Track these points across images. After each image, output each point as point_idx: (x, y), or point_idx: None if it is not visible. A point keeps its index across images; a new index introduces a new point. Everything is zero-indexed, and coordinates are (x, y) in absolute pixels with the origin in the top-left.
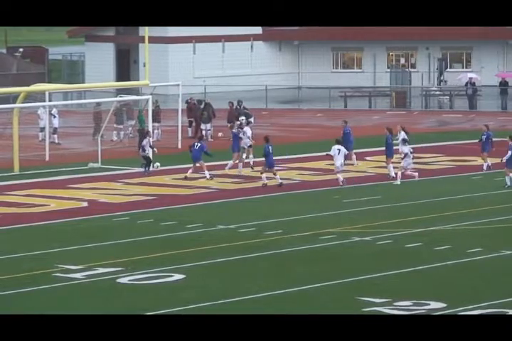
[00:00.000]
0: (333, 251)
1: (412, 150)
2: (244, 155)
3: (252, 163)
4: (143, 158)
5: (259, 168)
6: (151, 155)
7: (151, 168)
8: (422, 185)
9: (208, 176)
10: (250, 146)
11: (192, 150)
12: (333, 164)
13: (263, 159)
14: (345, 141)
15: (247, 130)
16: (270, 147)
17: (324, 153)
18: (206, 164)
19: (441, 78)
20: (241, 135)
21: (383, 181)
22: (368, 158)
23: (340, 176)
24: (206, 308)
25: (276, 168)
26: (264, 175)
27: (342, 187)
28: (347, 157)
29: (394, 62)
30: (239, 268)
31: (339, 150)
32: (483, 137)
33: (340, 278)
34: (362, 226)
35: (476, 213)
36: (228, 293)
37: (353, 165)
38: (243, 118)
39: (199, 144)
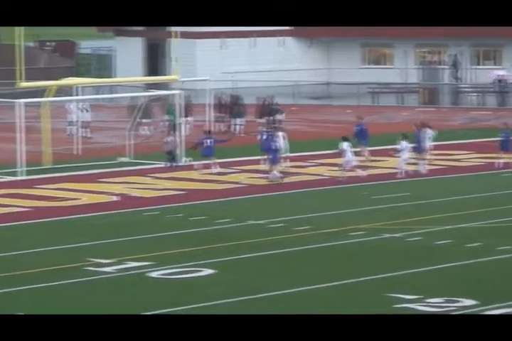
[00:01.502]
0: (363, 247)
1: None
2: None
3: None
4: (166, 153)
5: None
6: (178, 150)
7: (181, 163)
8: (451, 182)
9: (215, 171)
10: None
11: (204, 147)
12: (361, 160)
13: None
14: (361, 136)
15: (279, 139)
16: (277, 144)
17: (334, 151)
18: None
19: (457, 75)
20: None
21: (413, 178)
22: (396, 155)
23: (355, 172)
24: (234, 304)
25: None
26: (274, 171)
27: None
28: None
29: (424, 59)
30: (268, 264)
31: (349, 146)
32: (502, 135)
33: (370, 275)
34: (391, 222)
35: (504, 211)
36: (257, 289)
37: (366, 160)
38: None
39: (211, 140)
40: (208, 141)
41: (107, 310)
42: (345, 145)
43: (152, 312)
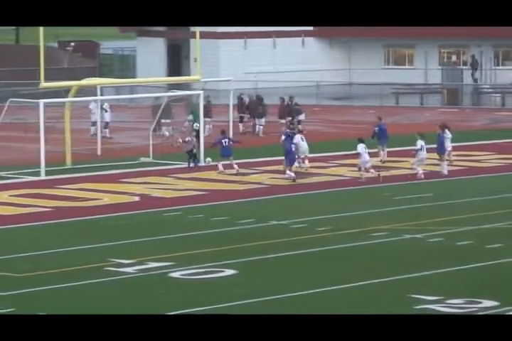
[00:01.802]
0: (384, 248)
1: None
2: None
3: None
4: (186, 152)
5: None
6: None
7: (202, 163)
8: (473, 183)
9: (221, 169)
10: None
11: (223, 147)
12: (381, 160)
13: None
14: (380, 137)
15: (299, 141)
16: (293, 145)
17: (352, 152)
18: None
19: (474, 76)
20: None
21: (435, 179)
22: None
23: (370, 173)
24: (256, 304)
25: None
26: (288, 171)
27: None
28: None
29: (445, 60)
30: (290, 265)
31: (364, 148)
32: None
33: (391, 276)
34: (413, 223)
35: None
36: (278, 290)
37: (382, 161)
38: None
39: (226, 140)
40: (224, 141)
41: (128, 310)
42: (361, 146)
43: (173, 313)
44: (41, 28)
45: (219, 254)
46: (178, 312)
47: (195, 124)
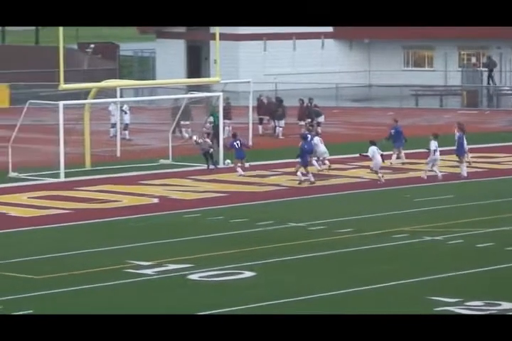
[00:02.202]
0: (404, 250)
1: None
2: (317, 164)
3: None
4: (202, 154)
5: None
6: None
7: (221, 165)
8: (493, 185)
9: (240, 172)
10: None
11: (237, 149)
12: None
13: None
14: (396, 139)
15: (318, 142)
16: (306, 146)
17: (360, 154)
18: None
19: (491, 77)
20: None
21: (455, 180)
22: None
23: (381, 174)
24: (276, 306)
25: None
26: (299, 173)
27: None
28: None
29: (465, 61)
30: (309, 266)
31: (377, 150)
32: None
33: (411, 278)
34: (433, 225)
35: None
36: (298, 291)
37: (391, 163)
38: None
39: (238, 142)
40: (236, 143)
41: (147, 311)
42: (372, 149)
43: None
44: (61, 30)
45: (238, 256)
46: (196, 314)
47: (214, 124)
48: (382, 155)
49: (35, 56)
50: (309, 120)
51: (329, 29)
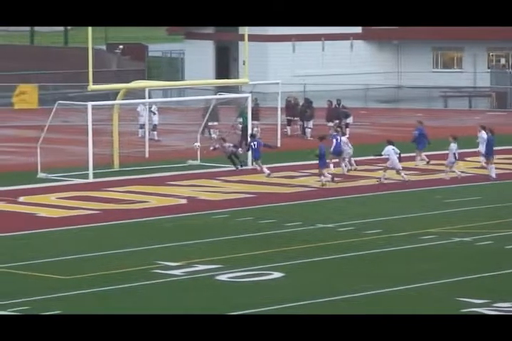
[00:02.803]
0: (433, 251)
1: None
2: (344, 165)
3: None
4: (228, 158)
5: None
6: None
7: (249, 166)
8: None
9: (267, 172)
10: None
11: (253, 149)
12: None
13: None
14: (419, 141)
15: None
16: (335, 147)
17: (374, 155)
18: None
19: None
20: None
21: (484, 182)
22: (467, 159)
23: (386, 174)
24: (304, 307)
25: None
26: (326, 173)
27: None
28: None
29: (494, 63)
30: (337, 268)
31: (393, 150)
32: None
33: (439, 279)
34: (462, 226)
35: None
36: (326, 292)
37: (417, 165)
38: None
39: (255, 142)
40: (254, 143)
41: (175, 312)
42: (388, 148)
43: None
44: (90, 31)
45: (267, 257)
46: (224, 314)
47: (243, 125)
48: (400, 156)
49: (64, 57)
50: (337, 121)
51: (358, 30)
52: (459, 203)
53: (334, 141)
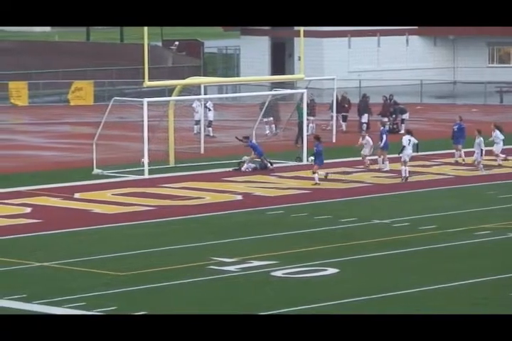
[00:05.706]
0: (488, 247)
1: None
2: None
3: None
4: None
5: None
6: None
7: (305, 162)
8: None
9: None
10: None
11: (255, 146)
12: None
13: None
14: (458, 136)
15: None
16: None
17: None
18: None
19: None
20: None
21: None
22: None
23: (406, 168)
24: (360, 303)
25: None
26: (320, 173)
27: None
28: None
29: None
30: (393, 263)
31: (409, 140)
32: None
33: (494, 275)
34: None
35: None
36: (382, 289)
37: (456, 161)
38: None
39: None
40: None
41: (232, 308)
42: (406, 138)
43: (277, 311)
44: (145, 27)
45: (322, 253)
46: (281, 310)
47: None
48: (417, 146)
49: (120, 53)
50: (393, 116)
51: (414, 26)
52: None
53: (384, 136)
